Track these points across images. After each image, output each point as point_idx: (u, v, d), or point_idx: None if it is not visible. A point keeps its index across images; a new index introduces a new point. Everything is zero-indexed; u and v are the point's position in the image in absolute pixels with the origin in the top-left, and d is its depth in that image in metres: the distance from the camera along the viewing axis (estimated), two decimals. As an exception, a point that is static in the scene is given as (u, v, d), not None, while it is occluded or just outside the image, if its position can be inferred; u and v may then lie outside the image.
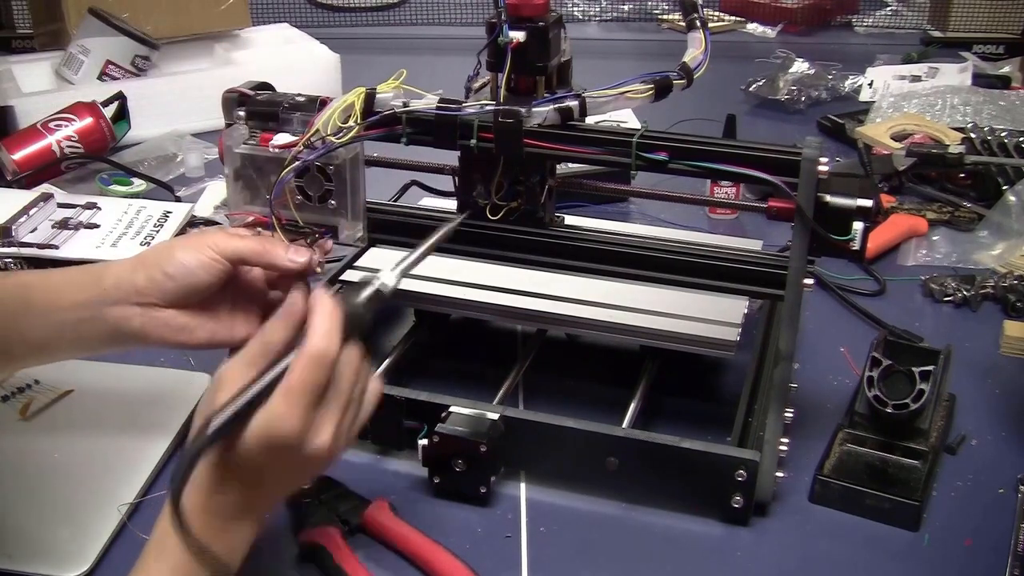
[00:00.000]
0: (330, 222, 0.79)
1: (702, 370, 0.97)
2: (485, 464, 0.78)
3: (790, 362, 0.78)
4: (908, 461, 0.82)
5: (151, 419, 0.88)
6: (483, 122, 0.79)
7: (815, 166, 0.72)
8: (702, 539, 0.78)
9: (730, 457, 0.76)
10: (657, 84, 0.78)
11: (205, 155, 1.50)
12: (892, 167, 1.35)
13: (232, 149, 0.79)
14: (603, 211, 1.31)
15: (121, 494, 0.79)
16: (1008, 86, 1.83)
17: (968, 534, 0.78)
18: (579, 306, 0.91)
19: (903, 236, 1.25)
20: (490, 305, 0.92)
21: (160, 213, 1.26)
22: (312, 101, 0.80)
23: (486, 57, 0.80)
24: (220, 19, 1.86)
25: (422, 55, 2.20)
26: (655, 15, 2.51)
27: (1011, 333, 1.03)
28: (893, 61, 1.97)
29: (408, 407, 0.82)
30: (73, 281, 0.74)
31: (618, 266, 0.86)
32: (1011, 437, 0.90)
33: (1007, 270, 1.16)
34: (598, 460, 0.79)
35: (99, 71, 1.69)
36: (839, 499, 0.80)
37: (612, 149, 0.78)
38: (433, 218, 0.90)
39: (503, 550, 0.76)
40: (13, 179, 1.38)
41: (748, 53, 2.12)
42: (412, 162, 0.94)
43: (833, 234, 0.74)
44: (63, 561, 0.73)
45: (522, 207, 0.85)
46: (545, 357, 0.97)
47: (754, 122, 1.74)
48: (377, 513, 0.77)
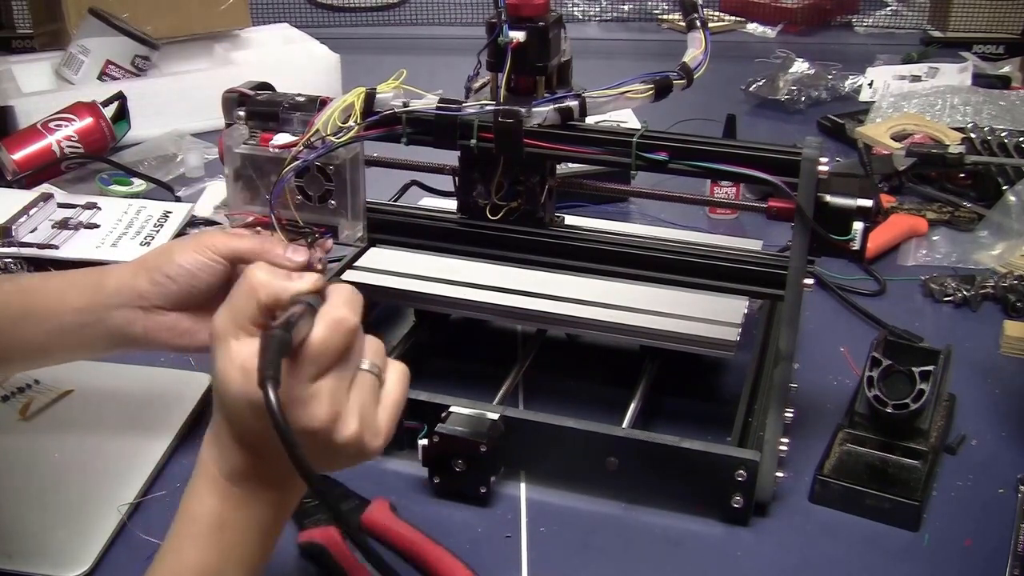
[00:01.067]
0: (330, 222, 0.79)
1: (702, 370, 0.97)
2: (485, 464, 0.78)
3: (790, 362, 0.78)
4: (908, 461, 0.82)
5: (151, 419, 0.88)
6: (483, 122, 0.79)
7: (815, 166, 0.72)
8: (702, 539, 0.78)
9: (730, 457, 0.76)
10: (657, 84, 0.78)
11: (205, 155, 1.50)
12: (892, 167, 1.35)
13: (232, 149, 0.79)
14: (603, 211, 1.31)
15: (121, 494, 0.79)
16: (1008, 86, 1.83)
17: (968, 534, 0.78)
18: (579, 306, 0.91)
19: (903, 236, 1.25)
20: (490, 305, 0.92)
21: (160, 213, 1.26)
22: (312, 101, 0.80)
23: (486, 57, 0.80)
24: (220, 19, 1.86)
25: (422, 55, 2.20)
26: (655, 15, 2.51)
27: (1011, 333, 1.03)
28: (893, 61, 1.97)
29: (408, 407, 0.81)
30: (74, 284, 0.74)
31: (618, 266, 0.86)
32: (1011, 437, 0.90)
33: (1007, 270, 1.16)
34: (598, 460, 0.79)
35: (99, 71, 1.69)
36: (839, 499, 0.80)
37: (612, 149, 0.78)
38: (433, 218, 0.90)
39: (503, 550, 0.76)
40: (13, 179, 1.38)
41: (748, 53, 2.12)
42: (412, 162, 0.94)
43: (833, 234, 0.74)
44: (63, 561, 0.73)
45: (522, 207, 0.85)
46: (545, 357, 0.97)
47: (754, 122, 1.74)
48: (377, 513, 0.77)
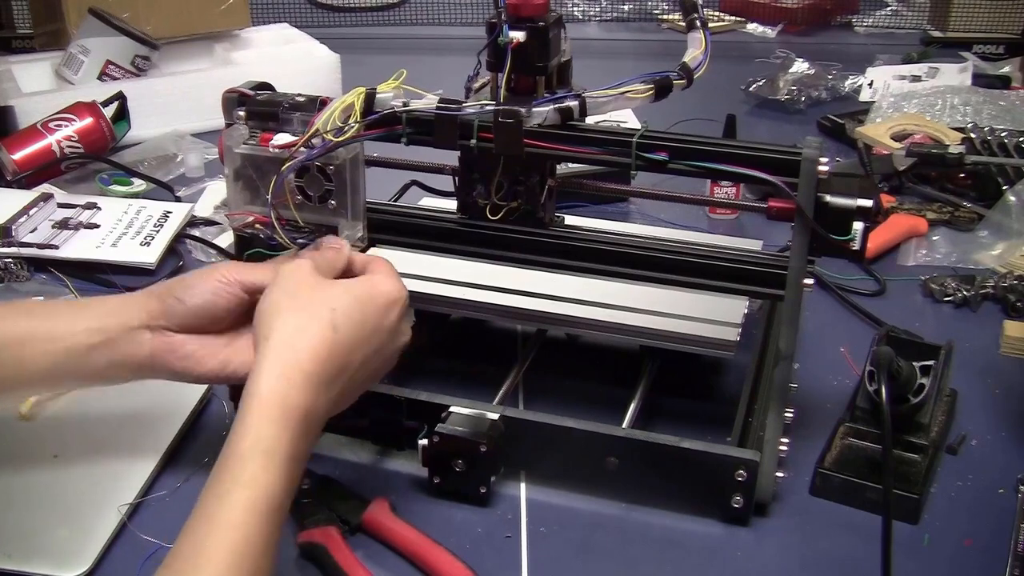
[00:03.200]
0: (330, 222, 0.79)
1: (702, 370, 0.97)
2: (485, 464, 0.78)
3: (790, 362, 0.78)
4: (908, 455, 0.82)
5: (152, 419, 0.88)
6: (483, 122, 0.79)
7: (815, 166, 0.72)
8: (702, 539, 0.78)
9: (730, 457, 0.76)
10: (657, 84, 0.78)
11: (205, 155, 1.50)
12: (892, 167, 1.35)
13: (232, 149, 0.79)
14: (603, 211, 1.31)
15: (121, 494, 0.79)
16: (1008, 86, 1.83)
17: (968, 534, 0.78)
18: (579, 306, 0.91)
19: (903, 236, 1.25)
20: (490, 305, 0.92)
21: (160, 213, 1.26)
22: (312, 101, 0.80)
23: (486, 57, 0.80)
24: (220, 19, 1.86)
25: (422, 55, 2.20)
26: (655, 15, 2.51)
27: (1011, 333, 1.03)
28: (893, 61, 1.97)
29: (408, 407, 0.82)
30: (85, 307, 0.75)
31: (618, 266, 0.86)
32: (1011, 437, 0.90)
33: (1007, 270, 1.16)
34: (598, 460, 0.79)
35: (99, 71, 1.69)
36: (839, 492, 0.81)
37: (612, 149, 0.78)
38: (433, 218, 0.90)
39: (503, 550, 0.76)
40: (13, 179, 1.38)
41: (748, 53, 2.12)
42: (412, 162, 0.94)
43: (833, 234, 0.74)
44: (63, 561, 0.73)
45: (522, 207, 0.85)
46: (545, 357, 0.97)
47: (754, 122, 1.74)
48: (377, 513, 0.77)
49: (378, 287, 0.68)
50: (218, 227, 1.28)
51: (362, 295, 0.67)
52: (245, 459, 0.59)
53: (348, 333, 0.66)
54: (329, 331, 0.65)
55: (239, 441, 0.60)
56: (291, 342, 0.64)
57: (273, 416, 0.61)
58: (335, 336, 0.65)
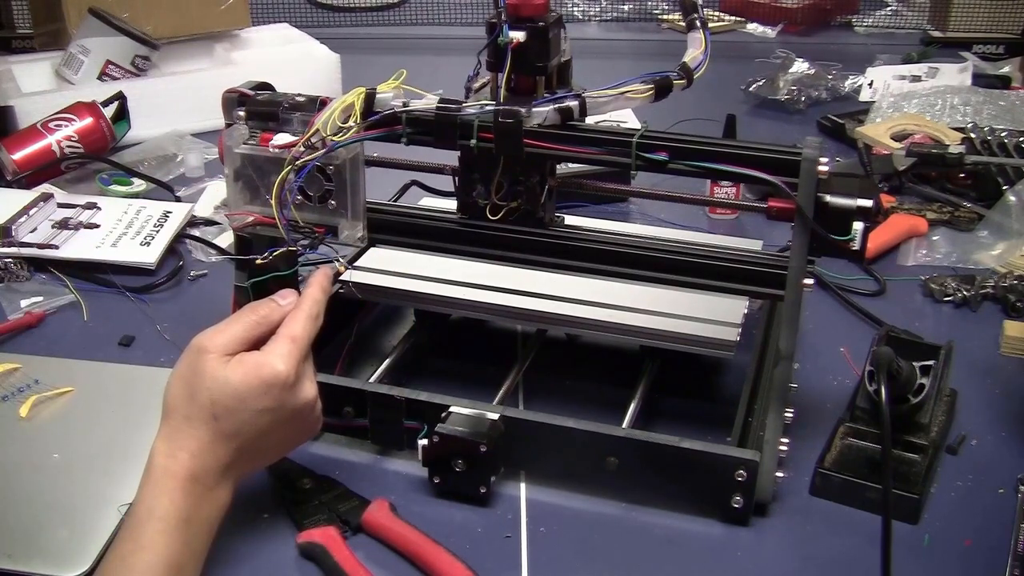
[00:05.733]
0: (330, 222, 0.79)
1: (702, 370, 0.97)
2: (485, 464, 0.78)
3: (790, 362, 0.78)
4: (908, 455, 0.82)
5: (151, 419, 0.88)
6: (483, 122, 0.79)
7: (815, 166, 0.72)
8: (702, 539, 0.78)
9: (730, 457, 0.76)
10: (657, 84, 0.78)
11: (205, 155, 1.50)
12: (892, 167, 1.34)
13: (232, 149, 0.79)
14: (603, 211, 1.31)
15: (121, 494, 0.79)
16: (1008, 86, 1.83)
17: (968, 534, 0.78)
18: (579, 306, 0.91)
19: (903, 236, 1.25)
20: (490, 305, 0.92)
21: (160, 213, 1.26)
22: (312, 101, 0.80)
23: (486, 57, 0.80)
24: (220, 19, 1.86)
25: (422, 55, 2.20)
26: (655, 15, 2.51)
27: (1011, 333, 1.03)
28: (893, 61, 1.97)
29: (408, 407, 0.82)
30: None
31: (618, 266, 0.86)
32: (1011, 437, 0.90)
33: (1007, 270, 1.16)
34: (598, 460, 0.79)
35: (99, 71, 1.69)
36: (839, 492, 0.81)
37: (612, 149, 0.79)
38: (433, 218, 0.90)
39: (503, 550, 0.76)
40: (13, 179, 1.38)
41: (748, 53, 2.12)
42: (412, 162, 0.94)
43: (833, 234, 0.74)
44: (63, 561, 0.73)
45: (522, 207, 0.85)
46: (545, 357, 0.97)
47: (754, 122, 1.74)
48: (377, 513, 0.77)
49: (261, 370, 0.69)
50: (218, 227, 1.28)
51: (240, 385, 0.68)
52: (143, 523, 0.65)
53: (230, 421, 0.68)
54: (211, 422, 0.68)
55: (138, 505, 0.66)
56: (181, 426, 0.69)
57: (167, 486, 0.66)
58: (217, 425, 0.68)
